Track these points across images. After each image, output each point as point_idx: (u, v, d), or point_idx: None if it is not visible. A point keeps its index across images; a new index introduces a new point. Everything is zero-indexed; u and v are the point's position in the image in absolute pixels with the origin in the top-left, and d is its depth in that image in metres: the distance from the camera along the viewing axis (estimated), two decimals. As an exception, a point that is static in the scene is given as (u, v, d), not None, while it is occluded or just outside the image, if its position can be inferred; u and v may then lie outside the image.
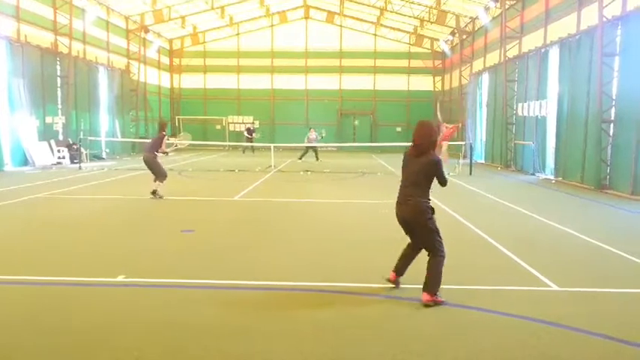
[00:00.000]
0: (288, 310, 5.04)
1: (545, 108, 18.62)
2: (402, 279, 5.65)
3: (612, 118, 14.65)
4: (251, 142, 32.16)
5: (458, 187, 15.41)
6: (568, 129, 17.11)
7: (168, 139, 12.71)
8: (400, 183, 5.47)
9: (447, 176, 5.51)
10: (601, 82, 14.64)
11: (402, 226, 5.49)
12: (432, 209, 5.36)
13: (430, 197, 5.40)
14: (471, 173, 19.11)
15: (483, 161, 26.57)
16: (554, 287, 5.74)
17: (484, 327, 4.62)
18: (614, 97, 14.59)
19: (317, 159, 25.00)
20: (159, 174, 12.23)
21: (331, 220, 9.83)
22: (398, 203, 5.44)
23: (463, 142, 26.06)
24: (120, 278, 5.88)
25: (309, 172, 19.35)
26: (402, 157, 5.53)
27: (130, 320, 4.71)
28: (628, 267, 6.72)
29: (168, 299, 5.33)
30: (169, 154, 13.32)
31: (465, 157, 23.50)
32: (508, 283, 5.91)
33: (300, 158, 25.09)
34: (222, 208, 11.47)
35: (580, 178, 15.89)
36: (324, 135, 28.33)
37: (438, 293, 5.16)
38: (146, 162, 12.40)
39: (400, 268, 5.57)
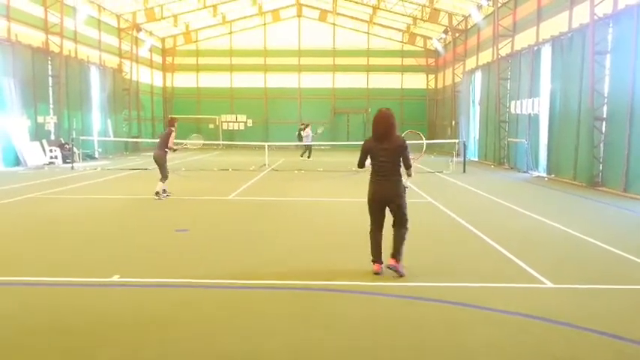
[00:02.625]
0: (283, 308, 5.04)
1: (538, 106, 18.71)
2: (393, 277, 5.75)
3: (604, 116, 14.74)
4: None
5: (451, 185, 15.46)
6: (560, 126, 17.21)
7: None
8: (374, 167, 6.03)
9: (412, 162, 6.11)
10: (593, 80, 14.73)
11: (376, 205, 6.04)
12: (406, 186, 6.11)
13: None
14: (464, 171, 19.18)
15: (477, 159, 26.67)
16: (549, 284, 5.77)
17: (479, 324, 4.64)
18: (606, 95, 14.68)
19: (308, 157, 24.99)
20: (163, 174, 12.06)
21: (326, 218, 9.83)
22: (375, 184, 6.02)
23: (456, 140, 26.17)
24: (115, 278, 5.85)
25: (302, 171, 19.35)
26: (365, 145, 6.12)
27: (125, 320, 4.69)
28: (621, 263, 6.77)
29: (163, 299, 5.32)
30: (176, 150, 13.14)
31: (458, 154, 23.58)
32: (502, 281, 5.94)
33: (309, 157, 25.03)
34: (217, 207, 11.44)
35: (572, 176, 15.99)
36: (319, 132, 28.27)
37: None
38: (156, 160, 12.12)
39: (380, 256, 6.06)
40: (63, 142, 22.92)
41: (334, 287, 5.64)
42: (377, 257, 6.07)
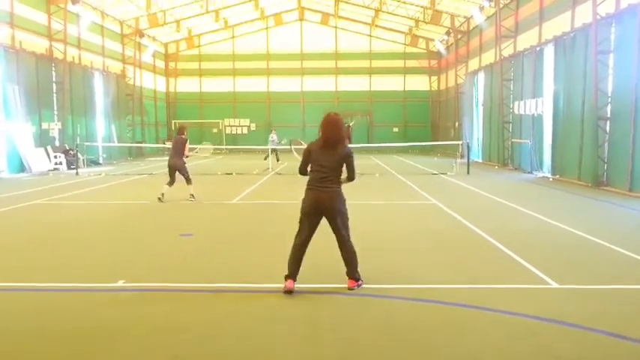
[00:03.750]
0: (287, 311, 5.04)
1: (542, 106, 18.68)
2: (400, 279, 5.69)
3: (608, 115, 14.70)
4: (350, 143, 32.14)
5: (455, 186, 15.44)
6: (564, 127, 17.16)
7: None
8: (312, 173, 5.57)
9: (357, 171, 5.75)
10: (596, 80, 14.69)
11: (311, 214, 5.52)
12: (344, 198, 5.64)
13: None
14: (468, 172, 19.13)
15: (480, 160, 26.62)
16: (554, 284, 5.75)
17: (483, 325, 4.63)
18: (609, 94, 14.64)
19: (270, 159, 25.58)
20: (188, 178, 12.23)
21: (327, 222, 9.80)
22: (312, 191, 5.51)
23: (460, 142, 26.14)
24: (120, 283, 5.86)
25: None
26: (308, 150, 5.62)
27: (130, 325, 4.69)
28: (627, 263, 6.73)
29: (168, 303, 5.32)
30: (188, 157, 13.18)
31: (462, 156, 23.55)
32: (507, 281, 5.92)
33: (265, 159, 25.84)
34: (221, 211, 11.45)
35: (577, 176, 15.93)
36: (283, 142, 28.92)
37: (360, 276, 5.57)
38: (175, 168, 12.19)
39: (297, 272, 5.50)
40: (67, 148, 23.02)
41: (339, 290, 5.63)
42: (293, 273, 5.46)
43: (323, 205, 5.50)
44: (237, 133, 39.08)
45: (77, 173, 19.93)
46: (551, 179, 17.30)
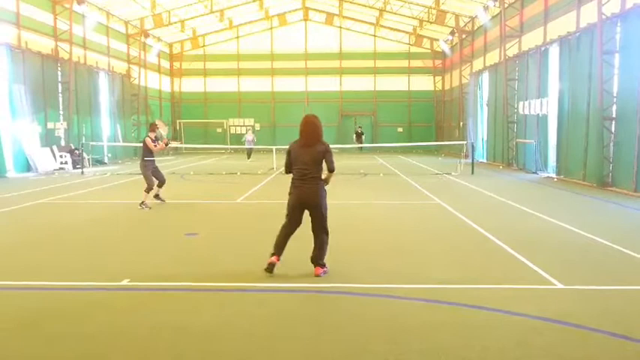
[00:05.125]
0: (290, 310, 5.05)
1: (546, 106, 18.62)
2: (405, 279, 5.76)
3: (614, 116, 14.65)
4: (361, 143, 33.00)
5: (460, 187, 15.41)
6: (569, 127, 17.11)
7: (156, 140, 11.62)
8: (295, 171, 6.09)
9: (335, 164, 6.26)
10: (602, 80, 14.64)
11: (296, 210, 6.09)
12: (325, 191, 6.15)
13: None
14: (472, 172, 19.11)
15: (485, 160, 26.57)
16: (559, 285, 5.74)
17: (488, 326, 4.63)
18: (615, 95, 14.59)
19: (248, 158, 27.73)
20: (147, 184, 11.53)
21: (335, 221, 9.80)
22: (297, 187, 6.06)
23: (464, 142, 26.10)
24: (125, 282, 5.89)
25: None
26: (290, 149, 6.16)
27: (135, 324, 4.72)
28: (632, 264, 6.71)
29: (173, 303, 5.35)
30: (171, 144, 12.52)
31: (466, 156, 23.52)
32: (512, 282, 5.91)
33: (249, 158, 28.01)
34: (226, 210, 11.48)
35: (582, 176, 15.88)
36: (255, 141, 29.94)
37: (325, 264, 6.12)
38: (140, 169, 11.79)
39: (281, 251, 6.14)
40: (73, 147, 23.11)
41: (348, 290, 5.64)
42: (278, 251, 6.13)
43: (306, 200, 6.05)
44: (241, 133, 39.12)
45: (83, 173, 20.01)
46: (555, 179, 17.25)
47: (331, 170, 6.17)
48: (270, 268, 6.05)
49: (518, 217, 10.30)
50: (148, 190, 11.58)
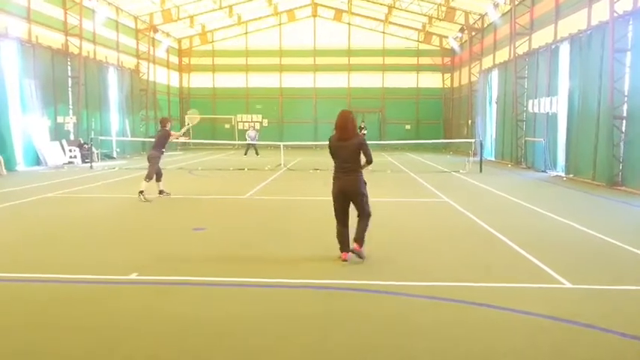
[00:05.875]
0: (297, 307, 5.05)
1: (556, 104, 18.49)
2: (413, 276, 5.76)
3: (624, 115, 14.52)
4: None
5: (468, 185, 15.36)
6: (579, 125, 16.98)
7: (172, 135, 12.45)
8: (336, 164, 6.54)
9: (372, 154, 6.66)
10: (612, 78, 14.51)
11: (339, 199, 6.50)
12: (365, 181, 6.59)
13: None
14: (481, 171, 19.03)
15: (493, 158, 26.45)
16: (567, 284, 5.71)
17: (496, 324, 4.61)
18: (626, 93, 14.46)
19: (250, 153, 27.85)
20: (149, 173, 11.82)
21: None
22: (338, 179, 6.50)
23: (473, 140, 25.99)
24: (133, 276, 5.92)
25: (318, 170, 19.37)
26: (329, 144, 6.55)
27: (143, 318, 4.75)
28: (642, 264, 6.66)
29: (181, 297, 5.37)
30: (184, 135, 13.11)
31: (475, 154, 23.41)
32: (520, 281, 5.89)
33: (245, 154, 28.29)
34: (233, 206, 11.51)
35: (591, 175, 15.76)
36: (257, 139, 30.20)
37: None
38: (149, 159, 12.10)
39: (347, 246, 6.49)
40: (82, 142, 23.25)
41: (356, 287, 5.64)
42: (343, 247, 6.49)
43: (348, 190, 6.46)
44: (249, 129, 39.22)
45: (91, 167, 20.12)
46: (564, 178, 17.14)
47: (369, 162, 6.57)
48: (344, 260, 6.43)
49: (527, 215, 10.25)
50: (149, 178, 11.81)
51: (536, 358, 3.96)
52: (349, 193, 6.46)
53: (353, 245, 6.46)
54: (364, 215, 6.55)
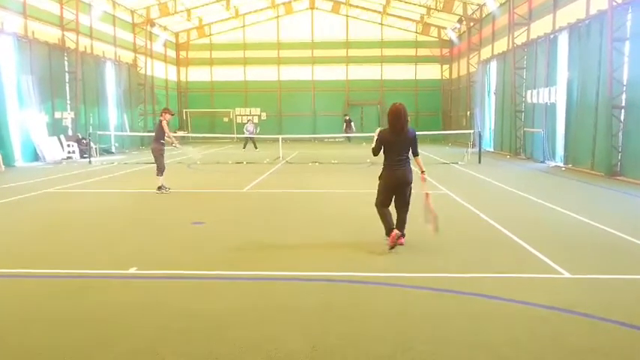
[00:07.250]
0: (298, 299, 5.06)
1: (555, 95, 18.45)
2: (413, 268, 5.82)
3: (623, 104, 14.49)
4: (350, 132, 33.17)
5: (467, 176, 15.35)
6: (578, 115, 16.96)
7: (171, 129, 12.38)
8: (389, 157, 6.82)
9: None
10: (611, 68, 14.47)
11: (393, 188, 6.85)
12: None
13: None
14: (479, 161, 19.02)
15: (492, 149, 26.43)
16: (566, 274, 5.72)
17: (495, 315, 4.62)
18: (624, 83, 14.42)
19: (249, 147, 27.73)
20: (158, 167, 12.02)
21: (343, 210, 9.82)
22: (394, 170, 6.80)
23: (472, 131, 25.95)
24: (132, 270, 5.93)
25: (317, 164, 19.36)
26: (381, 136, 6.87)
27: (142, 312, 4.75)
28: (641, 253, 6.67)
29: (180, 291, 5.38)
30: (177, 145, 13.09)
31: (473, 145, 23.39)
32: (519, 271, 5.90)
33: (244, 148, 28.19)
34: (232, 199, 11.50)
35: (590, 165, 15.76)
36: (258, 130, 30.10)
37: None
38: (153, 153, 12.26)
39: (394, 225, 6.82)
40: (80, 137, 23.20)
41: (357, 278, 5.65)
42: (391, 226, 6.77)
43: (402, 182, 6.81)
44: (244, 123, 39.18)
45: (90, 162, 20.10)
46: (563, 169, 17.14)
47: (416, 155, 6.92)
48: (392, 245, 6.62)
49: (526, 206, 10.25)
50: (161, 172, 11.93)
51: (535, 348, 3.97)
52: (402, 184, 6.79)
53: (402, 240, 6.73)
54: (407, 206, 6.92)
